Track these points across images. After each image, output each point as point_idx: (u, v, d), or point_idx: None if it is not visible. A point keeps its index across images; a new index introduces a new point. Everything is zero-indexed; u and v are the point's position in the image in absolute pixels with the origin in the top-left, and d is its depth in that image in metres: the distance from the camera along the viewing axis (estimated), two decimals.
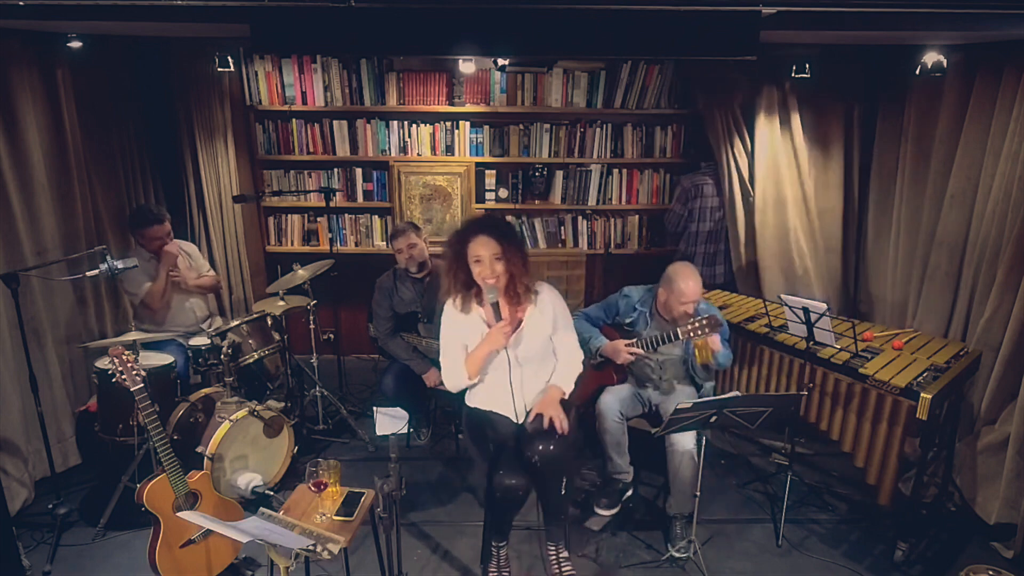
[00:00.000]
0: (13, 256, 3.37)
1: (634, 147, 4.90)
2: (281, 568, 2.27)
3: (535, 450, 2.61)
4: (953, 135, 3.67)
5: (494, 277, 2.61)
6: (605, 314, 3.45)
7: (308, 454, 3.80)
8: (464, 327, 2.76)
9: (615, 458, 3.27)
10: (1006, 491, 3.15)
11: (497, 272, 2.61)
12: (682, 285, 3.12)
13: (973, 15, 2.57)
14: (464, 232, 2.67)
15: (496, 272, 2.61)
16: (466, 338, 2.77)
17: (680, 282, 3.13)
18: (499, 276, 2.61)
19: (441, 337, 2.83)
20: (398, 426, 2.46)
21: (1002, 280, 3.26)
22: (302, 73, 4.64)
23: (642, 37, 2.62)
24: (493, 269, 2.60)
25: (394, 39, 2.62)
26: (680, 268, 3.19)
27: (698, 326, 3.04)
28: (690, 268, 3.19)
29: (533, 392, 2.83)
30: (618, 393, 3.29)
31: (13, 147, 3.38)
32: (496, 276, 2.61)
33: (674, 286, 3.14)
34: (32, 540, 3.16)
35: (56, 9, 2.67)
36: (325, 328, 4.32)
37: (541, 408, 2.68)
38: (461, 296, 2.72)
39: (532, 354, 2.78)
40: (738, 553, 3.19)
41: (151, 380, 2.90)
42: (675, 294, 3.14)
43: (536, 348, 2.78)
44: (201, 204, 4.77)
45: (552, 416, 2.63)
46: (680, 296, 3.13)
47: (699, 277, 3.17)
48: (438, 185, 4.91)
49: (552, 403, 2.69)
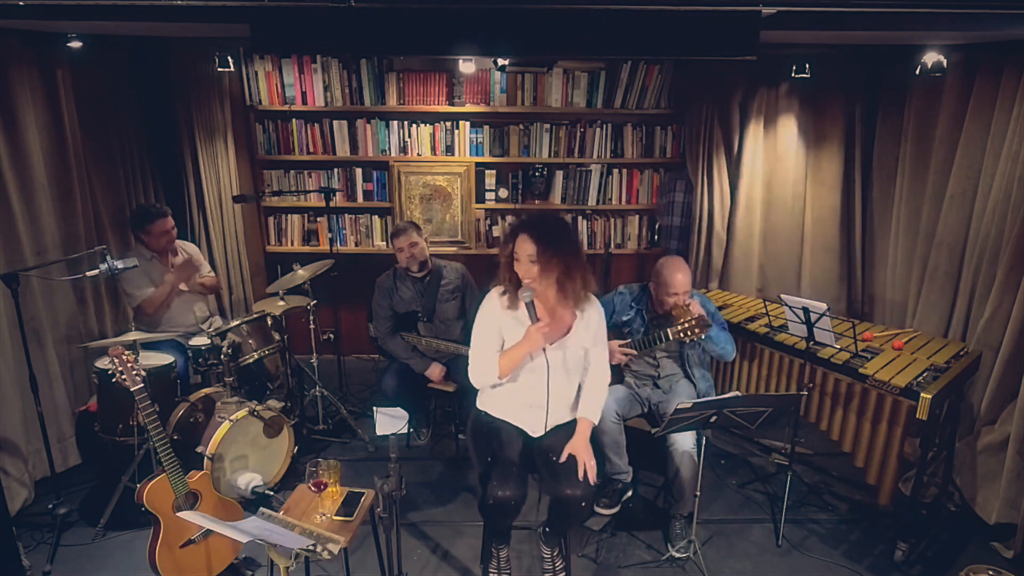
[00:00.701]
0: (13, 256, 3.37)
1: (634, 147, 4.91)
2: (281, 568, 2.27)
3: (562, 492, 2.57)
4: (953, 135, 3.67)
5: (530, 278, 2.55)
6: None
7: (308, 454, 3.80)
8: (506, 321, 2.66)
9: (613, 459, 3.27)
10: (1006, 491, 3.15)
11: (532, 274, 2.53)
12: (668, 276, 3.16)
13: (973, 15, 2.58)
14: (513, 228, 2.62)
15: (531, 273, 2.53)
16: (504, 332, 2.68)
17: (666, 273, 3.17)
18: (534, 277, 2.53)
19: (475, 328, 2.72)
20: (398, 426, 2.46)
21: (1002, 280, 3.26)
22: (302, 73, 4.65)
23: (642, 37, 2.62)
24: (529, 270, 2.53)
25: (394, 39, 2.62)
26: (667, 260, 3.24)
27: (687, 327, 3.05)
28: (677, 260, 3.23)
29: (557, 405, 2.74)
30: (614, 393, 3.28)
31: (13, 147, 3.38)
32: (533, 278, 2.54)
33: (661, 278, 3.18)
34: (32, 540, 3.16)
35: (56, 9, 2.67)
36: (325, 328, 4.32)
37: (574, 449, 2.61)
38: (509, 291, 2.64)
39: (562, 366, 2.69)
40: (738, 553, 3.19)
41: (151, 380, 2.90)
42: (663, 286, 3.18)
43: (570, 361, 2.70)
44: (201, 204, 4.78)
45: (587, 463, 2.58)
46: (667, 288, 3.16)
47: (687, 269, 3.20)
48: (438, 185, 4.91)
49: (585, 446, 2.62)
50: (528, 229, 2.54)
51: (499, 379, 2.67)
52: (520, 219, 2.67)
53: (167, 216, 3.81)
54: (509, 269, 2.59)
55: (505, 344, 2.69)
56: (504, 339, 2.69)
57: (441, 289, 3.87)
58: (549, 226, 2.57)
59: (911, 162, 4.02)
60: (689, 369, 3.38)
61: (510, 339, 2.66)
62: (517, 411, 2.75)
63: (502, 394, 2.77)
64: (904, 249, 4.10)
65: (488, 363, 2.65)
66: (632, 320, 3.34)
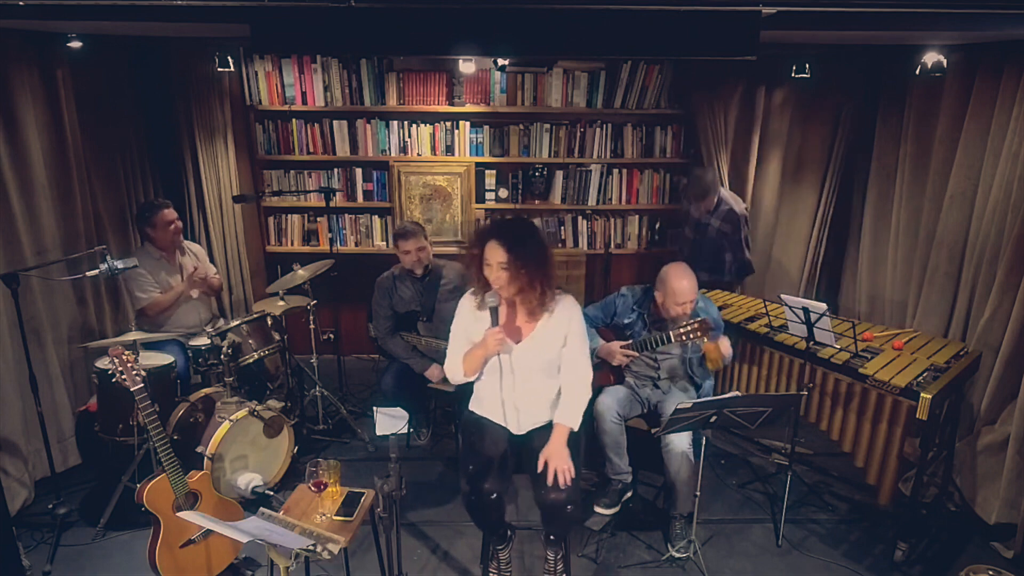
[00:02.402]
0: (13, 256, 3.37)
1: (634, 147, 4.91)
2: (281, 568, 2.27)
3: (546, 497, 2.57)
4: (953, 135, 3.67)
5: (499, 284, 2.56)
6: (603, 314, 3.45)
7: (308, 454, 3.80)
8: (475, 324, 2.69)
9: (614, 459, 3.26)
10: (1006, 491, 3.15)
11: (501, 280, 2.53)
12: (675, 285, 3.09)
13: (973, 15, 2.57)
14: (482, 233, 2.62)
15: (500, 280, 2.54)
16: (471, 334, 2.71)
17: (674, 282, 3.10)
18: (503, 285, 2.54)
19: (452, 327, 2.78)
20: (398, 426, 2.45)
21: (1002, 280, 3.26)
22: (302, 73, 4.65)
23: (642, 37, 2.62)
24: (497, 276, 2.54)
25: (394, 39, 2.61)
26: (673, 268, 3.16)
27: (690, 330, 3.01)
28: (683, 267, 3.15)
29: (530, 405, 2.74)
30: (615, 394, 3.28)
31: (13, 147, 3.38)
32: (501, 284, 2.55)
33: (668, 287, 3.12)
34: (32, 540, 3.17)
35: (56, 9, 2.67)
36: (325, 328, 4.32)
37: (547, 456, 2.57)
38: (479, 294, 2.66)
39: (532, 367, 2.68)
40: (738, 553, 3.19)
41: (151, 380, 2.90)
42: (670, 295, 3.12)
43: (537, 362, 2.68)
44: (201, 204, 4.78)
45: (557, 469, 2.52)
46: (675, 296, 3.10)
47: (693, 275, 3.13)
48: (438, 185, 4.91)
49: (558, 452, 2.57)
50: (498, 235, 2.53)
51: (465, 376, 2.73)
52: (489, 224, 2.67)
53: (169, 207, 3.82)
54: (479, 271, 2.60)
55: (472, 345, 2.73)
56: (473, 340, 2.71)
57: (441, 289, 3.87)
58: (518, 232, 2.56)
59: (911, 162, 4.02)
60: (690, 371, 3.38)
61: (476, 340, 2.68)
62: (497, 409, 2.76)
63: (484, 393, 2.81)
64: (904, 249, 4.10)
65: (456, 362, 2.72)
66: (634, 323, 3.34)
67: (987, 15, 2.57)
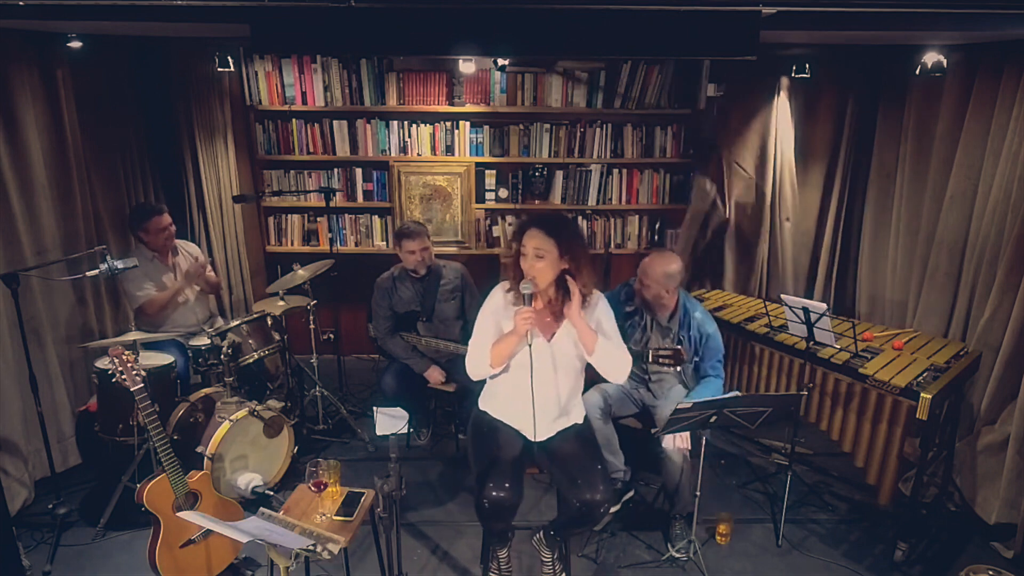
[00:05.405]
0: (13, 256, 3.37)
1: (634, 147, 4.90)
2: (281, 568, 2.27)
3: (582, 496, 2.56)
4: (953, 135, 3.67)
5: (534, 273, 2.54)
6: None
7: (308, 454, 3.80)
8: (505, 315, 2.65)
9: (608, 456, 3.24)
10: (1006, 491, 3.15)
11: (536, 268, 2.53)
12: (647, 267, 3.20)
13: (973, 15, 2.58)
14: (522, 224, 2.62)
15: (536, 269, 2.53)
16: (503, 326, 2.66)
17: (646, 263, 3.23)
18: (537, 272, 2.53)
19: (477, 320, 2.72)
20: (398, 426, 2.45)
21: (1002, 280, 3.26)
22: (302, 73, 4.64)
23: (642, 37, 2.62)
24: (533, 266, 2.53)
25: (394, 39, 2.62)
26: (653, 252, 3.30)
27: (663, 355, 3.03)
28: (661, 253, 3.26)
29: (549, 405, 2.69)
30: (603, 390, 3.28)
31: (13, 147, 3.38)
32: (536, 273, 2.53)
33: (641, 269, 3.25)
34: (32, 540, 3.16)
35: (56, 9, 2.68)
36: (325, 328, 4.32)
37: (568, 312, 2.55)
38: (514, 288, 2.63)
39: (560, 360, 2.65)
40: (738, 553, 3.19)
41: (151, 380, 2.90)
42: (640, 275, 3.25)
43: (567, 355, 2.66)
44: (201, 204, 4.78)
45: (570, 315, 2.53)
46: (642, 276, 3.22)
47: (668, 260, 3.17)
48: (438, 185, 4.90)
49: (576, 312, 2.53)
50: (540, 224, 2.55)
51: (491, 368, 2.65)
52: (532, 216, 2.67)
53: (164, 213, 3.81)
54: (516, 267, 2.59)
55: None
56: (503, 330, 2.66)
57: (440, 289, 3.87)
58: (560, 224, 2.58)
59: (911, 162, 4.02)
60: (683, 377, 3.37)
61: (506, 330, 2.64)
62: (515, 414, 2.72)
63: (501, 395, 2.76)
64: (904, 249, 4.10)
65: (482, 353, 2.65)
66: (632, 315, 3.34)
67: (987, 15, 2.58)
